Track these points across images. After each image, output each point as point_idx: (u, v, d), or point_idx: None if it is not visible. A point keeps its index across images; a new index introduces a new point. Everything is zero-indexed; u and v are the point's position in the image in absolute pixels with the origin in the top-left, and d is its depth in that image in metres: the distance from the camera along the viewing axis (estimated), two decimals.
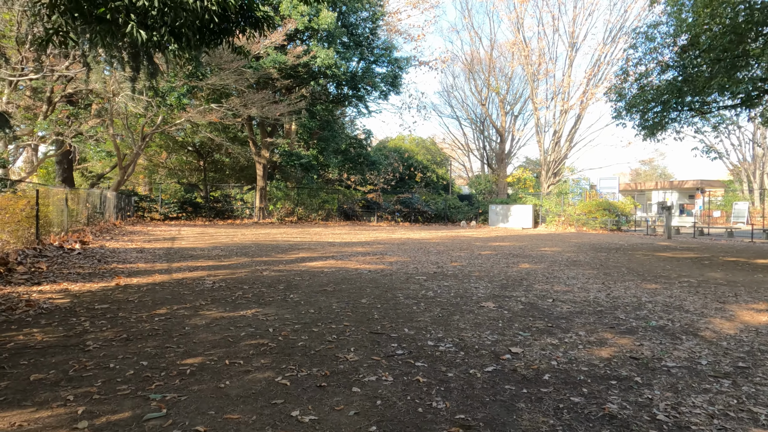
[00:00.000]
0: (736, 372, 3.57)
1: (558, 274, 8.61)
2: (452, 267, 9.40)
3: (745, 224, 34.35)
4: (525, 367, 3.61)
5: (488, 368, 3.56)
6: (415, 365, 3.62)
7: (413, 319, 5.05)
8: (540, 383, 3.29)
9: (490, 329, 4.67)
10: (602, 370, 3.55)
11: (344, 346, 4.08)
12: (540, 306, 5.80)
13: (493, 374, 3.45)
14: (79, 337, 4.34)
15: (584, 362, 3.73)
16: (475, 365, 3.63)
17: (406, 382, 3.28)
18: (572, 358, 3.83)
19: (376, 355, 3.86)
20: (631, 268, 9.66)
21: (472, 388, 3.18)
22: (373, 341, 4.24)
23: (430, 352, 3.94)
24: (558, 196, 30.31)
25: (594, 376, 3.43)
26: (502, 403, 2.97)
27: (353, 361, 3.70)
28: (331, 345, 4.12)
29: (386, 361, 3.72)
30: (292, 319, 5.00)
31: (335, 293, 6.47)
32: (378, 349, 4.00)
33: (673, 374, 3.50)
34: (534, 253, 12.66)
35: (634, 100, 12.27)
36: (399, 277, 8.04)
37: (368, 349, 4.00)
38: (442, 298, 6.23)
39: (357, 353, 3.90)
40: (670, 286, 7.48)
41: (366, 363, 3.67)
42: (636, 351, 4.04)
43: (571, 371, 3.52)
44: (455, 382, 3.28)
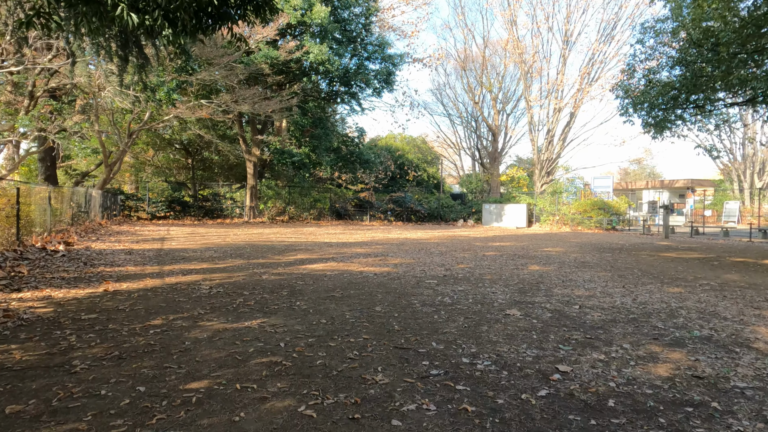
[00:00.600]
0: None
1: (572, 277, 8.21)
2: (460, 269, 8.96)
3: (736, 223, 34.49)
4: (582, 389, 3.16)
5: (541, 392, 3.11)
6: (456, 389, 3.15)
7: (438, 330, 4.59)
8: (607, 412, 2.84)
9: (525, 342, 4.22)
10: (670, 393, 3.12)
11: (369, 365, 3.60)
12: (568, 314, 5.38)
13: (549, 400, 2.99)
14: (64, 354, 3.80)
15: (645, 383, 3.29)
16: (525, 388, 3.17)
17: (452, 413, 2.81)
18: (629, 377, 3.40)
19: (409, 376, 3.38)
20: (644, 270, 9.30)
21: (532, 420, 2.72)
22: (400, 358, 3.76)
23: (469, 371, 3.47)
24: (552, 196, 30.07)
25: (664, 402, 2.99)
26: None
27: (384, 385, 3.22)
28: (354, 363, 3.63)
29: (422, 383, 3.24)
30: (304, 332, 4.51)
31: (345, 300, 5.98)
32: (408, 368, 3.53)
33: (750, 397, 3.08)
34: (538, 253, 12.28)
35: (641, 96, 11.93)
36: (408, 280, 7.57)
37: (397, 369, 3.52)
38: (461, 305, 5.77)
39: (386, 374, 3.42)
40: (694, 290, 7.12)
41: (399, 386, 3.19)
42: (695, 368, 3.62)
43: (635, 395, 3.08)
44: (509, 411, 2.82)
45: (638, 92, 12.10)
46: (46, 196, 12.19)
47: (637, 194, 45.58)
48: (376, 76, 26.77)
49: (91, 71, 17.28)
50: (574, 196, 29.43)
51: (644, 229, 24.95)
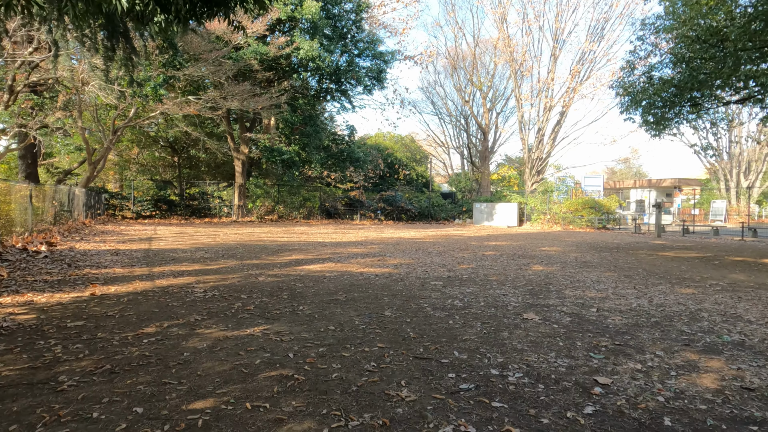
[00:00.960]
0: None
1: (579, 278, 7.97)
2: (463, 270, 8.67)
3: (723, 222, 34.81)
4: (630, 406, 2.87)
5: (586, 409, 2.81)
6: (492, 406, 2.84)
7: (457, 337, 4.27)
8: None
9: (552, 350, 3.93)
10: (725, 409, 2.85)
11: (391, 378, 3.27)
12: (587, 317, 5.11)
13: (599, 419, 2.69)
14: (49, 369, 3.42)
15: (695, 397, 3.02)
16: (568, 404, 2.87)
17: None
18: (677, 390, 3.12)
19: (436, 391, 3.07)
20: (648, 270, 9.10)
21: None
22: (423, 370, 3.44)
23: (501, 385, 3.17)
24: (543, 194, 30.00)
25: (724, 419, 2.71)
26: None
27: (412, 402, 2.90)
28: (373, 377, 3.30)
29: (453, 400, 2.93)
30: (313, 340, 4.16)
31: (350, 303, 5.64)
32: (435, 382, 3.21)
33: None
34: (537, 253, 12.06)
35: (641, 93, 11.76)
36: (412, 282, 7.26)
37: (422, 383, 3.20)
38: (474, 308, 5.47)
39: (411, 389, 3.10)
40: (706, 291, 6.91)
41: (429, 404, 2.87)
42: (741, 378, 3.36)
43: (689, 411, 2.80)
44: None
45: (638, 89, 11.93)
46: (27, 194, 11.64)
47: (624, 193, 45.85)
48: (367, 74, 26.43)
49: (74, 66, 16.69)
50: (565, 195, 29.40)
51: (635, 228, 24.97)
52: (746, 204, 37.03)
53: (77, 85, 16.92)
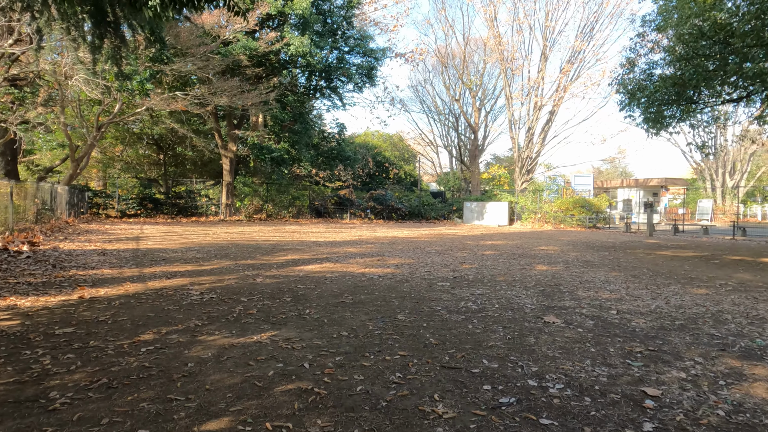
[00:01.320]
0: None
1: (587, 278, 7.76)
2: (467, 270, 8.41)
3: (709, 221, 35.15)
4: (691, 421, 2.61)
5: (645, 426, 2.54)
6: (541, 424, 2.56)
7: (481, 343, 4.00)
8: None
9: (586, 357, 3.67)
10: None
11: (421, 392, 2.98)
12: (610, 320, 4.87)
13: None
14: (37, 383, 3.06)
15: (756, 410, 2.78)
16: (623, 421, 2.60)
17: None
18: (734, 402, 2.88)
19: (475, 406, 2.78)
20: (653, 270, 8.94)
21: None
22: (454, 381, 3.15)
23: (544, 398, 2.89)
24: (534, 194, 29.97)
25: None
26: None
27: (451, 420, 2.60)
28: (402, 390, 3.00)
29: (497, 417, 2.64)
30: (327, 347, 3.85)
31: (358, 306, 5.33)
32: (470, 396, 2.92)
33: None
34: (536, 252, 11.87)
35: (641, 91, 11.62)
36: (418, 283, 6.97)
37: (457, 396, 2.92)
38: (490, 311, 5.20)
39: (446, 404, 2.81)
40: (719, 291, 6.74)
41: (471, 422, 2.58)
42: None
43: (759, 428, 2.55)
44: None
45: (638, 87, 11.79)
46: (8, 191, 11.12)
47: (611, 193, 46.16)
48: (358, 71, 26.08)
49: (57, 60, 16.09)
50: (555, 194, 29.38)
51: (626, 227, 25.02)
52: (731, 203, 37.50)
53: (60, 79, 16.31)
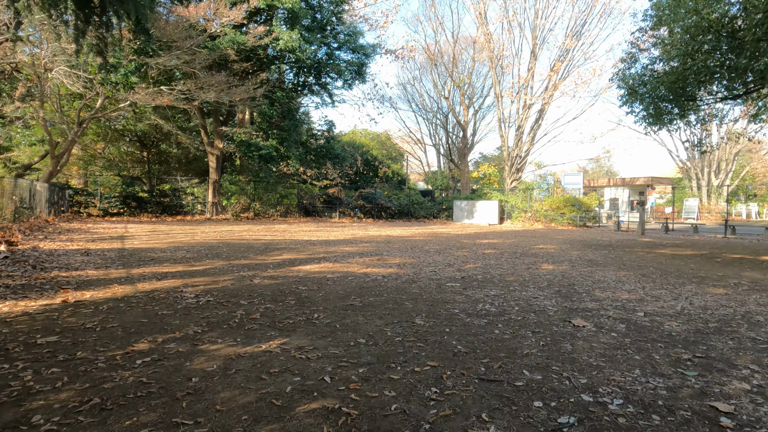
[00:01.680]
0: None
1: (598, 277, 7.48)
2: (472, 270, 8.08)
3: (695, 219, 35.48)
4: None
5: None
6: None
7: (515, 351, 3.64)
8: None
9: (634, 366, 3.33)
10: None
11: (465, 410, 2.61)
12: (641, 323, 4.56)
13: None
14: (18, 404, 2.63)
15: None
16: None
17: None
18: None
19: (532, 427, 2.42)
20: (660, 269, 8.71)
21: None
22: (499, 397, 2.79)
23: (608, 417, 2.54)
24: (524, 192, 29.87)
25: None
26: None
27: None
28: (443, 409, 2.63)
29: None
30: (346, 357, 3.46)
31: (370, 310, 4.95)
32: (523, 414, 2.56)
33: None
34: (536, 251, 11.60)
35: (642, 86, 11.41)
36: (426, 284, 6.61)
37: (507, 415, 2.55)
38: (512, 314, 4.86)
39: (499, 425, 2.44)
40: (737, 291, 6.51)
41: None
42: None
43: None
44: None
45: (639, 82, 11.58)
46: None
47: (598, 191, 46.44)
48: (348, 67, 25.62)
49: (37, 52, 15.38)
50: (546, 192, 29.29)
51: (615, 225, 25.02)
52: (717, 202, 37.90)
53: (39, 72, 15.59)
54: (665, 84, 10.99)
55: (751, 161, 42.00)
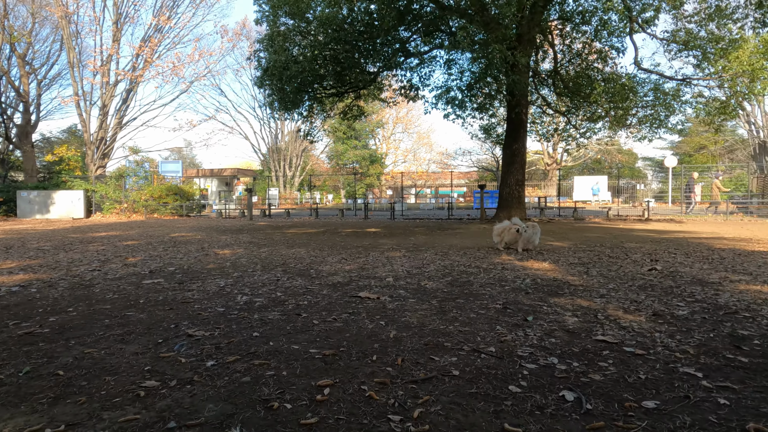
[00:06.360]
0: None
1: (293, 255, 7.28)
2: (150, 261, 6.39)
3: (276, 206, 40.31)
4: None
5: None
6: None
7: (367, 336, 2.96)
8: None
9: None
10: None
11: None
12: (410, 287, 4.64)
13: None
14: None
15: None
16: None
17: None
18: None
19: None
20: (328, 245, 9.31)
21: None
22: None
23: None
24: (118, 180, 26.35)
25: None
26: None
27: None
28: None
29: None
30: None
31: (79, 331, 3.09)
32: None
33: None
34: (185, 239, 10.38)
35: (278, 70, 11.82)
36: (112, 287, 4.74)
37: None
38: (289, 302, 4.02)
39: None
40: (415, 253, 7.62)
41: None
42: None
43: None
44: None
45: (272, 65, 11.93)
46: None
47: (187, 181, 46.22)
48: None
49: None
50: (144, 180, 26.75)
51: (218, 213, 25.57)
52: (291, 191, 44.17)
53: None
54: (283, 74, 11.73)
55: (311, 158, 51.15)
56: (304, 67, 12.85)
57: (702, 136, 41.73)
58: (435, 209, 31.75)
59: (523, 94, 14.11)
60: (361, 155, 48.24)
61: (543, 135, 32.08)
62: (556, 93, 17.56)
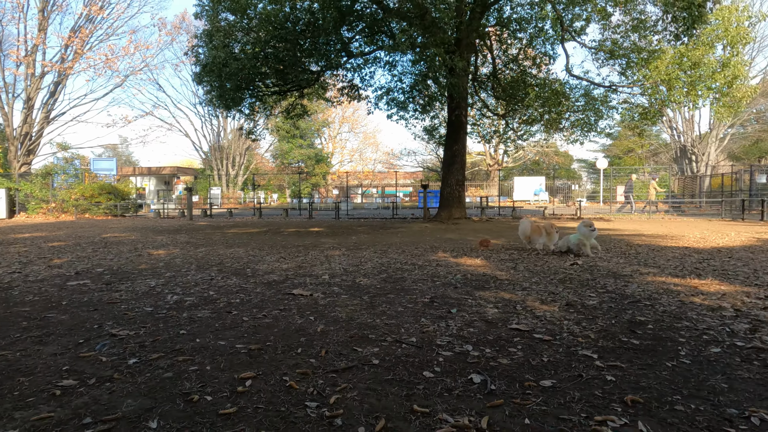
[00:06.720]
0: None
1: (231, 254, 7.21)
2: (76, 263, 6.14)
3: (219, 206, 39.24)
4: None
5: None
6: None
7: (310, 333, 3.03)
8: None
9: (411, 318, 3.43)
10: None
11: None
12: (345, 284, 4.73)
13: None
14: None
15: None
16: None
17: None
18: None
19: None
20: (267, 243, 9.25)
21: None
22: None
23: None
24: (44, 178, 24.82)
25: None
26: None
27: None
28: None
29: None
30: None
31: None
32: None
33: None
34: (119, 239, 10.00)
35: (217, 67, 11.58)
36: (34, 289, 4.55)
37: None
38: (219, 300, 4.01)
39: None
40: (357, 251, 7.72)
41: None
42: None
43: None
44: None
45: (212, 61, 11.69)
46: None
47: (122, 180, 44.15)
48: None
49: None
50: (75, 179, 25.33)
51: (156, 213, 24.65)
52: (234, 190, 43.14)
53: None
54: (223, 71, 11.55)
55: (255, 157, 50.12)
56: (244, 65, 12.67)
57: (630, 140, 44.39)
58: (380, 209, 32.08)
59: (462, 97, 14.55)
60: (306, 154, 47.82)
61: (484, 136, 33.09)
62: (495, 96, 18.21)
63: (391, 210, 23.94)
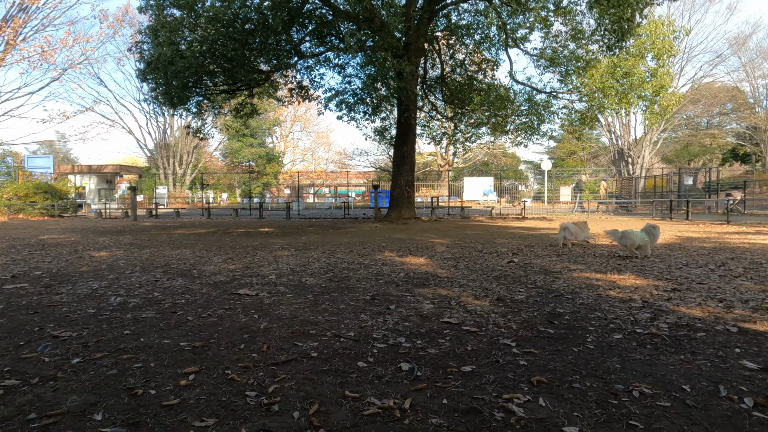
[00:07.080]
0: None
1: (177, 256, 7.16)
2: (12, 266, 5.96)
3: (165, 206, 38.04)
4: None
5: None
6: None
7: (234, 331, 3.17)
8: None
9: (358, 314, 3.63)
10: None
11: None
12: (285, 282, 4.87)
13: None
14: None
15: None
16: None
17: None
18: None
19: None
20: (216, 245, 9.21)
21: None
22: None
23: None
24: None
25: None
26: None
27: None
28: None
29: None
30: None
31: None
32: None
33: None
34: (56, 240, 9.66)
35: (162, 63, 11.35)
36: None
37: None
38: (164, 300, 4.06)
39: None
40: (276, 253, 7.82)
41: None
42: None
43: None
44: None
45: (157, 57, 11.45)
46: None
47: (60, 178, 41.94)
48: None
49: None
50: (7, 177, 23.98)
51: (97, 214, 23.72)
52: (181, 189, 41.92)
53: None
54: (168, 68, 11.38)
55: (204, 155, 48.85)
56: (191, 63, 12.47)
57: (572, 143, 46.41)
58: (333, 209, 32.11)
59: (411, 101, 14.89)
60: (257, 153, 47.09)
61: (434, 138, 33.72)
62: (443, 100, 18.70)
63: (343, 210, 24.06)
